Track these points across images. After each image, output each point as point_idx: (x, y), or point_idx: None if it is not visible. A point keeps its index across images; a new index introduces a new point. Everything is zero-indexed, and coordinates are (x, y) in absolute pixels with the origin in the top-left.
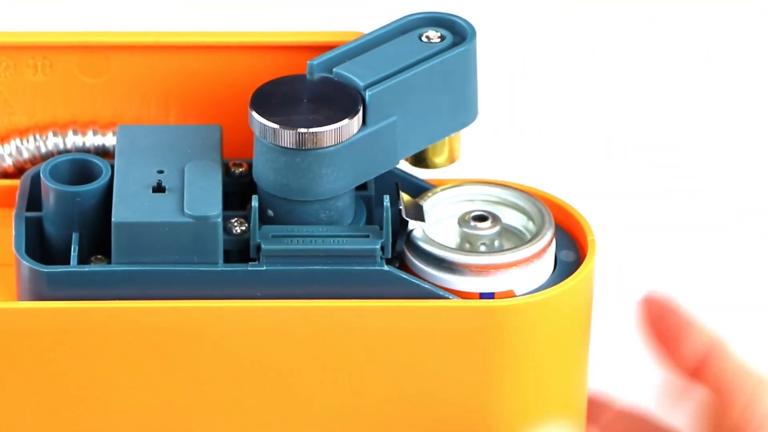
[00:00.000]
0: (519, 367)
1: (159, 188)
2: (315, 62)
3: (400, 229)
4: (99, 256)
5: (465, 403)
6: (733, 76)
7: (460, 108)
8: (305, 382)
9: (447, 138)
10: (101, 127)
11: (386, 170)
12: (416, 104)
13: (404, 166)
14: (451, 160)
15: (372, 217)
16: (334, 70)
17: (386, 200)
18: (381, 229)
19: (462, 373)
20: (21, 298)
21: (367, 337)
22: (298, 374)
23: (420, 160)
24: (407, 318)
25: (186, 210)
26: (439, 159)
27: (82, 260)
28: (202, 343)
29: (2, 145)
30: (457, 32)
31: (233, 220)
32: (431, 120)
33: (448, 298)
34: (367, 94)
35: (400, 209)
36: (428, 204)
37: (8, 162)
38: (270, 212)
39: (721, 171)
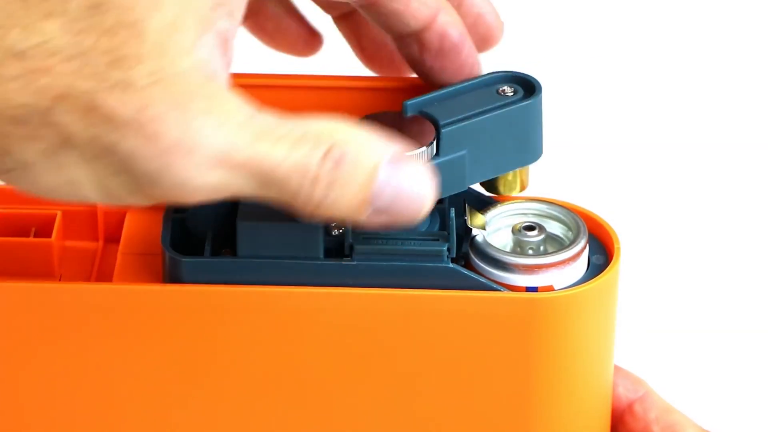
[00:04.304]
0: (555, 351)
1: None
2: (409, 102)
3: (466, 235)
4: (227, 249)
5: (506, 381)
6: (753, 80)
7: (525, 149)
8: (383, 362)
9: (518, 171)
10: None
11: (456, 193)
12: (485, 143)
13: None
14: (522, 188)
15: (445, 226)
16: (421, 110)
17: (452, 212)
18: (449, 234)
19: (508, 353)
20: (165, 282)
21: (435, 322)
22: (378, 353)
23: (495, 190)
24: (466, 306)
25: None
26: (513, 193)
27: (215, 252)
28: (304, 321)
29: None
30: (527, 87)
31: (332, 224)
32: (497, 157)
33: (500, 290)
34: (442, 131)
35: (465, 219)
36: (489, 216)
37: None
38: None
39: (736, 179)
